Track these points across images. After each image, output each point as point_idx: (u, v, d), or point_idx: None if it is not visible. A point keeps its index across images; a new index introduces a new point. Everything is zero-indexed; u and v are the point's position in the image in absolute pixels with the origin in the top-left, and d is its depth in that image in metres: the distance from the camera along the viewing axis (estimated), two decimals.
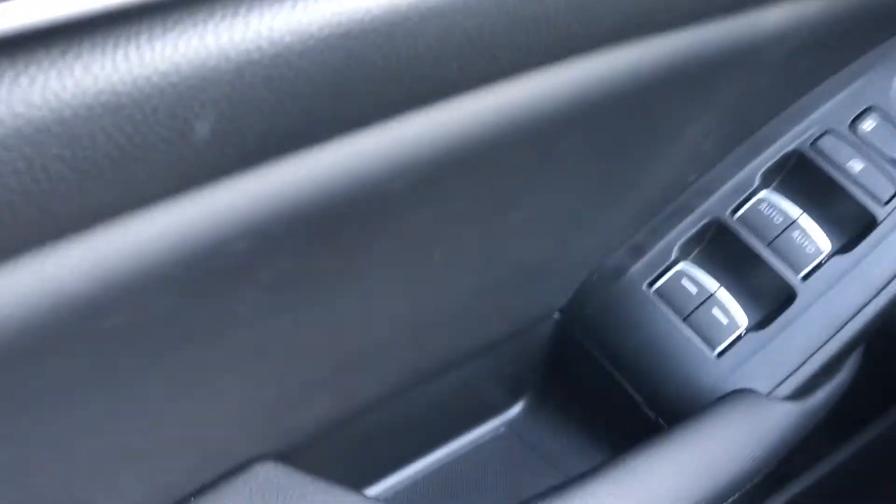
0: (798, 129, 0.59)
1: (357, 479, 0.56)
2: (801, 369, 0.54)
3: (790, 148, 0.59)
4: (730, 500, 0.52)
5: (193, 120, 0.26)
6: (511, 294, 0.52)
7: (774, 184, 0.59)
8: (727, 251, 0.58)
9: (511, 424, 0.61)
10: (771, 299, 0.56)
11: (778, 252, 0.56)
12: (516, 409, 0.62)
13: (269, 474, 0.44)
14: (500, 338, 0.55)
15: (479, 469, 0.59)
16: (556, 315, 0.59)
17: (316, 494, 0.43)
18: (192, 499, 0.42)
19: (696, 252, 0.59)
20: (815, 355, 0.54)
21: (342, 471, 0.54)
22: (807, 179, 0.58)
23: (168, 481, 0.41)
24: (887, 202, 0.56)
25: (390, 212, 0.37)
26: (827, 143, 0.58)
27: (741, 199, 0.58)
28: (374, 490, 0.56)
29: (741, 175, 0.59)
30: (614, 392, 0.58)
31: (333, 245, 0.37)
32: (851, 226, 0.56)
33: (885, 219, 0.56)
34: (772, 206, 0.58)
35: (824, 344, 0.54)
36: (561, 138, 0.42)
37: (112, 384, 0.34)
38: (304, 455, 0.48)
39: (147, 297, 0.31)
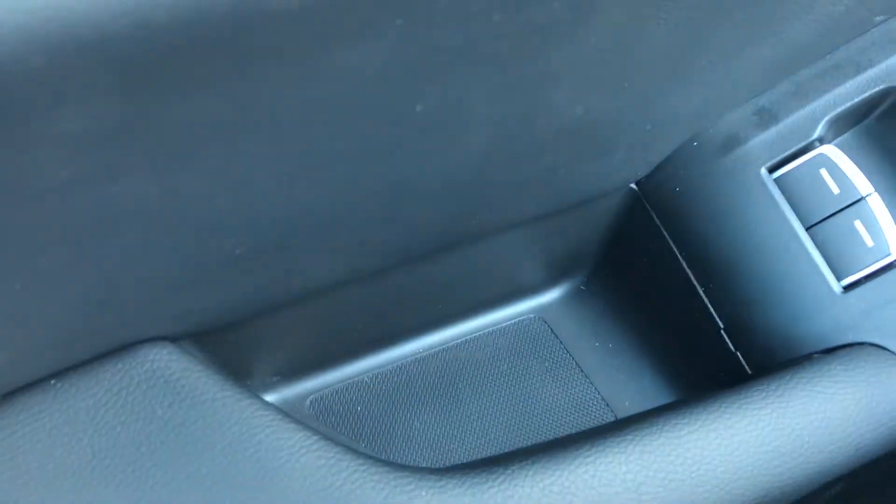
0: None
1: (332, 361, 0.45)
2: None
3: None
4: (820, 487, 0.38)
5: None
6: (568, 159, 0.37)
7: None
8: None
9: (541, 311, 0.48)
10: None
11: None
12: (552, 296, 0.48)
13: (157, 361, 0.33)
14: (542, 212, 0.40)
15: (495, 352, 0.47)
16: (632, 187, 0.43)
17: (203, 393, 0.32)
18: (54, 380, 0.32)
19: (850, 132, 0.41)
20: None
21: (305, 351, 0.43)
22: None
23: (22, 358, 0.31)
24: None
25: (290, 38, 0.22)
26: None
27: None
28: (354, 368, 0.45)
29: None
30: (682, 306, 0.43)
31: (194, 84, 0.22)
32: None
33: None
34: None
35: None
36: None
37: None
38: (242, 335, 0.37)
39: None
